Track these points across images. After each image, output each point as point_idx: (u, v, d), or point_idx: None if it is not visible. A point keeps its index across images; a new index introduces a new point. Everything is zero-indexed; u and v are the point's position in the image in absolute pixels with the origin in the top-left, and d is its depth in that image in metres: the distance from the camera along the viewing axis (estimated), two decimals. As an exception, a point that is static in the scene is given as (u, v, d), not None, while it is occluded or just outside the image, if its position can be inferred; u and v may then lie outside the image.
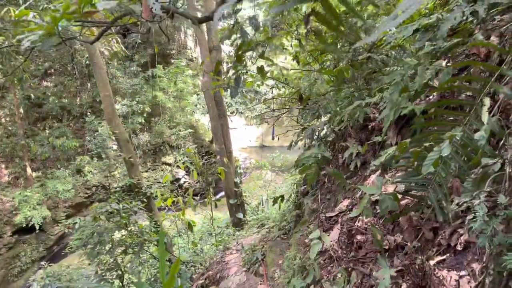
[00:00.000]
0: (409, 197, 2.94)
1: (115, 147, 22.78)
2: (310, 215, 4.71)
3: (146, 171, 23.04)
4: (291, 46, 6.76)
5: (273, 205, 6.28)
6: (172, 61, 23.99)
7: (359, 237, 3.26)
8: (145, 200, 9.64)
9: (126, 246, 6.48)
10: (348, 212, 3.74)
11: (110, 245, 6.37)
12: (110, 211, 6.63)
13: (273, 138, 6.85)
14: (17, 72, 9.99)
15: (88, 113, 22.40)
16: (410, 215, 2.92)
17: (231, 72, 4.50)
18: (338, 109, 4.68)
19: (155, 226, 8.28)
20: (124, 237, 6.63)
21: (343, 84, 4.91)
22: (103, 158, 22.44)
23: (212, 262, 7.39)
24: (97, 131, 22.18)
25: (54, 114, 22.36)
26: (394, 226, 3.15)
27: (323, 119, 5.81)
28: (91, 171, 21.73)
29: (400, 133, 3.79)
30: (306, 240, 4.22)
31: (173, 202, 9.24)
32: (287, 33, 6.40)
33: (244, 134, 30.25)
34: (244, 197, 10.58)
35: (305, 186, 5.58)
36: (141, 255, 6.56)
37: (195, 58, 26.62)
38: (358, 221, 3.42)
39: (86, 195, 22.17)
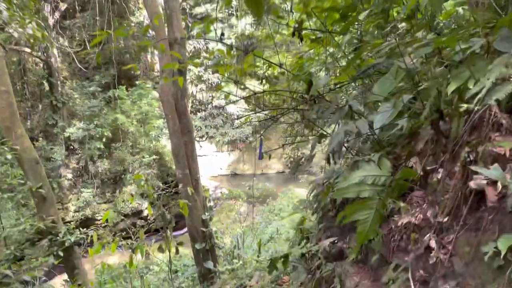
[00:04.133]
0: None
1: (70, 175, 19.25)
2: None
3: (105, 203, 19.51)
4: (291, 11, 4.07)
5: (269, 272, 3.40)
6: (137, 82, 21.03)
7: None
8: (61, 254, 6.33)
9: None
10: None
11: None
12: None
13: (260, 157, 4.17)
14: None
15: (41, 138, 18.86)
16: None
17: None
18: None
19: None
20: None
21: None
22: (54, 188, 18.81)
23: None
24: (50, 158, 18.67)
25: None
26: None
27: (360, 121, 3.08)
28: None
29: None
30: None
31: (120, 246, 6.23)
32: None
33: (214, 162, 27.14)
34: (215, 239, 7.58)
35: (332, 240, 2.77)
36: None
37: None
38: None
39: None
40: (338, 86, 3.94)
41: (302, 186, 17.95)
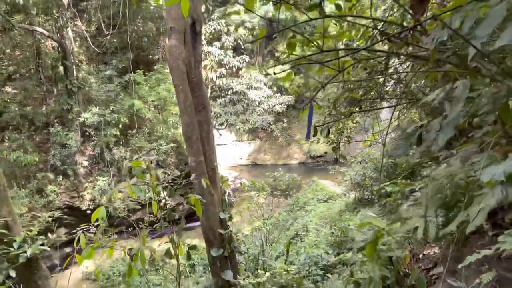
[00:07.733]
0: None
1: (85, 163, 17.99)
2: None
3: (121, 191, 18.20)
4: None
5: None
6: (155, 67, 19.56)
7: None
8: (12, 275, 4.51)
9: None
10: None
11: None
12: None
13: (308, 136, 2.60)
14: None
15: (56, 123, 17.60)
16: None
17: None
18: None
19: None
20: None
21: None
22: (69, 176, 17.60)
23: None
24: (65, 144, 17.41)
25: (15, 124, 17.47)
26: None
27: None
28: (54, 191, 16.84)
29: None
30: None
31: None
32: None
33: (233, 152, 25.53)
34: (237, 242, 5.98)
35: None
36: None
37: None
38: None
39: (49, 219, 17.12)
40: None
41: (328, 178, 16.15)
